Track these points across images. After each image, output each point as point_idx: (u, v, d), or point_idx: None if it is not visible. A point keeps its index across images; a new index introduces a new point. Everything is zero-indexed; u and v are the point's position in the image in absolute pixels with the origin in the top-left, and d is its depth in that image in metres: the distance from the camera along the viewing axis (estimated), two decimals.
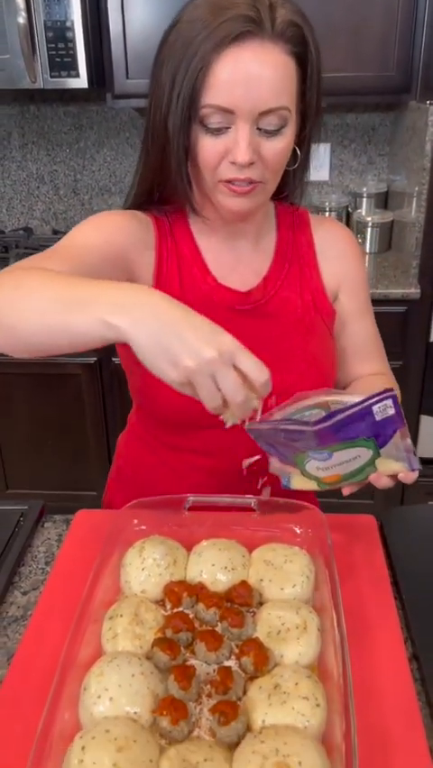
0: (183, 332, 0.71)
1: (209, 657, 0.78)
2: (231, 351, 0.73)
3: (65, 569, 0.99)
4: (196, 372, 0.71)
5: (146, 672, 0.74)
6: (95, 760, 0.64)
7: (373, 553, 0.99)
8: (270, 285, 1.11)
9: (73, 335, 0.76)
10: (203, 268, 1.09)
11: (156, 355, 0.72)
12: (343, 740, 0.66)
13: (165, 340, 0.71)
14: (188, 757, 0.66)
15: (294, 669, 0.76)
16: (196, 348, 0.70)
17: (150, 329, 0.72)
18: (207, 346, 0.71)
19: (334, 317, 1.15)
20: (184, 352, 0.70)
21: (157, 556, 0.90)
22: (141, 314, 0.72)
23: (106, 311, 0.73)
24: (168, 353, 0.71)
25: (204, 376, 0.71)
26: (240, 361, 0.74)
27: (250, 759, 0.65)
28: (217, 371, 0.71)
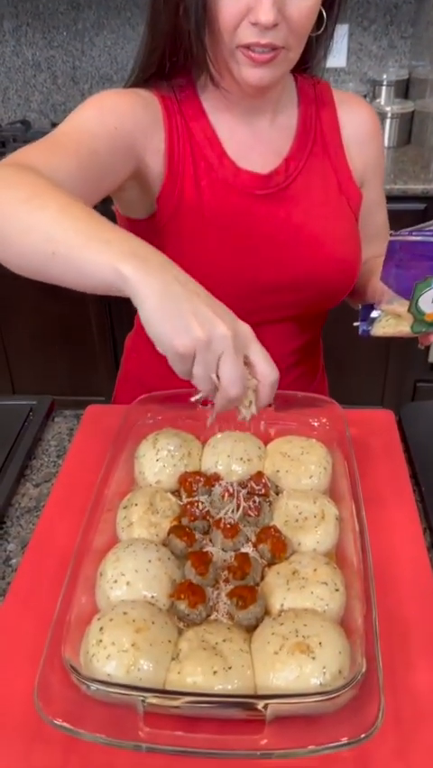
0: (200, 305, 0.65)
1: (226, 544, 0.77)
2: (247, 337, 0.68)
3: (77, 462, 0.97)
4: (203, 345, 0.64)
5: (163, 558, 0.73)
6: (113, 640, 0.63)
7: (392, 447, 0.97)
8: (292, 165, 1.02)
9: (78, 273, 0.68)
10: (218, 149, 0.99)
11: (164, 318, 0.64)
12: (363, 623, 0.65)
13: (180, 305, 0.64)
14: (206, 638, 0.66)
15: (312, 556, 0.75)
16: (212, 321, 0.64)
17: (165, 290, 0.64)
18: (224, 323, 0.65)
19: (360, 202, 1.07)
20: (198, 321, 0.64)
21: (171, 447, 0.88)
22: (159, 273, 0.65)
23: (122, 258, 0.65)
24: (179, 319, 0.64)
25: (210, 352, 0.65)
26: (253, 352, 0.69)
27: (269, 640, 0.64)
28: (226, 352, 0.65)
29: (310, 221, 1.01)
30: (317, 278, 1.01)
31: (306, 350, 1.14)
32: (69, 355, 2.57)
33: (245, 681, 0.62)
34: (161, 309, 0.64)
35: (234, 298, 1.02)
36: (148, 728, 0.57)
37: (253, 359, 0.69)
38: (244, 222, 0.98)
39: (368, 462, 0.92)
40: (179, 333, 0.64)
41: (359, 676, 0.59)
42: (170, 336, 0.64)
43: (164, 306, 0.64)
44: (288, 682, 0.61)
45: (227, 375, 0.66)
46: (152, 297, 0.64)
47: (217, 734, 0.59)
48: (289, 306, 1.04)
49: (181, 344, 0.64)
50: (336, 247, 1.02)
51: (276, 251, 0.99)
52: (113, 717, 0.59)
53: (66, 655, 0.62)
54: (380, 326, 0.92)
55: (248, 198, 0.98)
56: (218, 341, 0.64)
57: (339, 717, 0.59)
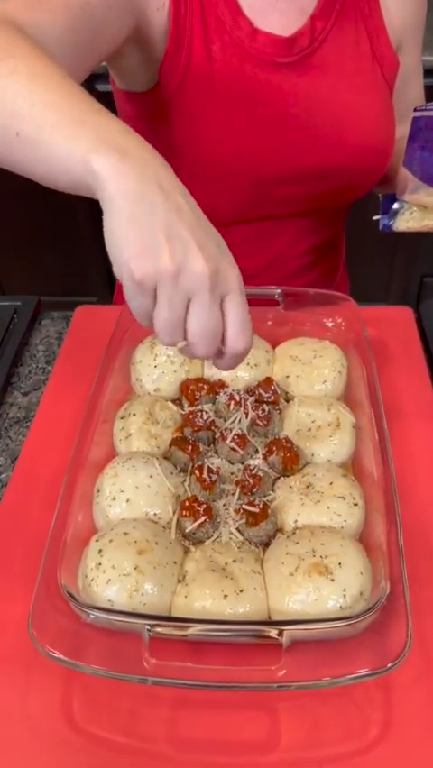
0: (181, 225, 0.50)
1: (233, 457, 0.71)
2: (230, 283, 0.52)
3: (68, 368, 0.89)
4: (168, 277, 0.49)
5: (165, 473, 0.67)
6: (114, 563, 0.58)
7: (411, 348, 0.89)
8: (318, 26, 0.85)
9: (44, 162, 0.54)
10: (232, 4, 0.83)
11: (129, 230, 0.49)
12: (385, 541, 0.60)
13: (154, 219, 0.49)
14: (215, 558, 0.61)
15: (327, 468, 0.69)
16: (188, 248, 0.49)
17: (140, 194, 0.49)
18: (204, 257, 0.50)
19: (397, 71, 0.92)
20: (170, 245, 0.49)
21: (171, 352, 0.80)
22: (139, 171, 0.50)
23: (95, 147, 0.50)
24: (148, 235, 0.49)
25: (176, 289, 0.50)
26: (232, 304, 0.52)
27: (284, 561, 0.59)
28: (198, 294, 0.50)
29: (339, 96, 0.86)
30: (344, 166, 0.87)
31: (326, 247, 1.02)
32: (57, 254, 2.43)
33: (258, 604, 0.57)
34: (129, 219, 0.49)
35: (245, 188, 0.90)
36: (154, 659, 0.52)
37: (227, 313, 0.53)
38: (262, 96, 0.83)
39: (386, 365, 0.84)
40: (141, 252, 0.49)
41: (383, 599, 0.54)
42: (129, 254, 0.49)
43: (133, 216, 0.49)
44: (305, 606, 0.56)
45: (194, 326, 0.52)
46: (122, 201, 0.49)
47: (229, 662, 0.55)
48: (308, 197, 0.91)
49: (139, 267, 0.49)
50: (368, 127, 0.88)
51: (298, 133, 0.85)
52: (115, 647, 0.55)
53: (62, 581, 0.57)
54: (403, 220, 0.81)
55: (267, 67, 0.83)
56: (189, 276, 0.49)
57: (361, 642, 0.54)
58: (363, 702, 0.54)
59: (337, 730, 0.53)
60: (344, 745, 0.52)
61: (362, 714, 0.54)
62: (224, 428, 0.73)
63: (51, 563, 0.59)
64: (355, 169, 0.88)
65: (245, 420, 0.73)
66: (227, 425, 0.73)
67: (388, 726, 0.53)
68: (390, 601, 0.55)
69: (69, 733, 0.54)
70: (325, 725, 0.53)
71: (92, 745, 0.53)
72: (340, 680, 0.51)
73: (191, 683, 0.51)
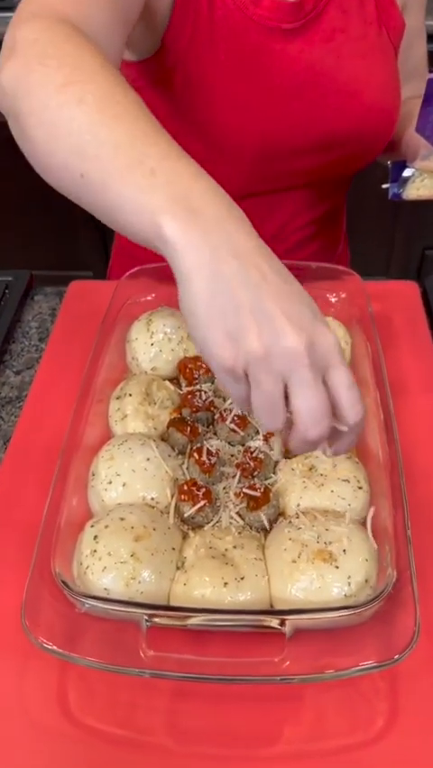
0: (266, 298, 0.43)
1: (233, 438, 0.69)
2: (329, 351, 0.45)
3: (61, 345, 0.86)
4: (260, 363, 0.43)
5: (163, 455, 0.64)
6: (110, 550, 0.56)
7: (417, 324, 0.86)
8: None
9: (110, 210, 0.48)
10: None
11: (210, 315, 0.43)
12: (392, 525, 0.58)
13: (235, 299, 0.43)
14: (215, 544, 0.58)
15: None
16: (278, 328, 0.43)
17: (217, 271, 0.43)
18: (296, 333, 0.43)
19: (402, 34, 0.88)
20: (257, 327, 0.43)
21: (168, 330, 0.77)
22: (212, 237, 0.44)
23: (166, 206, 0.44)
24: (231, 320, 0.43)
25: (268, 372, 0.44)
26: (336, 375, 0.46)
27: (286, 546, 0.57)
28: (296, 373, 0.44)
29: (346, 62, 0.82)
30: (351, 132, 0.83)
31: (327, 219, 0.98)
32: (49, 224, 2.37)
33: (260, 592, 0.55)
34: (208, 302, 0.43)
35: (251, 159, 0.86)
36: (152, 651, 0.50)
37: (333, 387, 0.46)
38: (267, 63, 0.79)
39: (391, 343, 0.81)
40: (225, 340, 0.43)
41: (389, 587, 0.52)
42: (216, 342, 0.44)
43: (213, 296, 0.43)
44: (308, 594, 0.54)
45: (303, 408, 0.45)
46: (197, 279, 0.43)
47: (230, 651, 0.53)
48: (314, 168, 0.87)
49: (230, 357, 0.43)
50: (375, 92, 0.84)
51: (304, 100, 0.80)
52: (111, 636, 0.53)
53: (56, 569, 0.55)
54: (414, 188, 0.77)
55: (271, 34, 0.78)
56: (282, 356, 0.43)
57: (367, 630, 0.52)
58: (368, 692, 0.53)
59: (342, 721, 0.52)
60: (348, 737, 0.51)
61: (367, 704, 0.52)
62: (223, 408, 0.70)
63: (45, 550, 0.57)
64: (363, 136, 0.84)
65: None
66: (227, 406, 0.71)
67: (394, 717, 0.52)
68: (396, 589, 0.53)
69: (65, 725, 0.52)
70: (329, 716, 0.52)
71: (89, 738, 0.51)
72: (345, 672, 0.49)
73: (191, 676, 0.49)
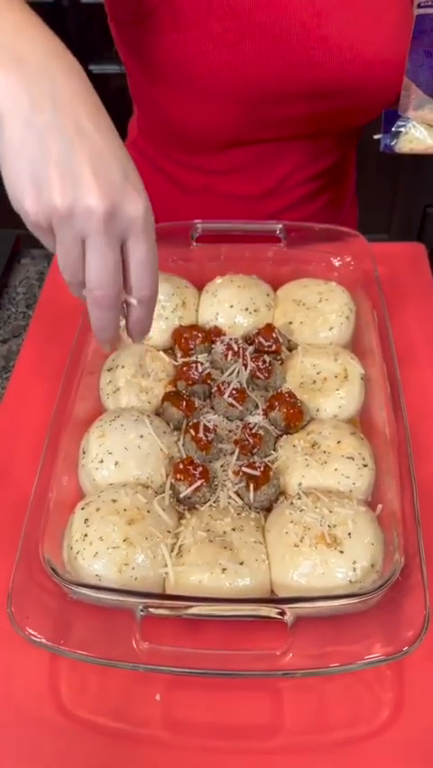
0: (77, 151, 0.43)
1: (231, 412, 0.65)
2: (133, 219, 0.45)
3: (50, 313, 0.82)
4: (61, 219, 0.44)
5: (157, 432, 0.61)
6: (102, 535, 0.53)
7: (423, 289, 0.82)
8: None
9: None
10: None
11: (19, 162, 0.43)
12: (399, 506, 0.55)
13: (44, 146, 0.42)
14: (212, 526, 0.56)
15: (334, 425, 0.63)
16: (81, 185, 0.43)
17: (31, 115, 0.42)
18: (99, 191, 0.43)
19: None
20: (60, 180, 0.43)
21: (162, 296, 0.73)
22: (33, 84, 0.43)
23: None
24: (38, 169, 0.43)
25: (70, 231, 0.44)
26: (135, 244, 0.46)
27: (288, 530, 0.54)
28: (91, 236, 0.44)
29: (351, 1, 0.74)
30: (355, 82, 0.76)
31: (333, 174, 0.92)
32: None
33: (260, 577, 0.53)
34: (18, 148, 0.43)
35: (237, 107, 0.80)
36: (147, 643, 0.47)
37: (127, 256, 0.47)
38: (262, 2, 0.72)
39: (397, 309, 0.77)
40: (32, 189, 0.43)
41: (397, 573, 0.50)
42: (23, 189, 0.43)
43: (23, 143, 0.43)
44: (311, 579, 0.51)
45: (91, 269, 0.46)
46: (11, 124, 0.43)
47: (229, 639, 0.51)
48: (314, 118, 0.80)
49: (33, 207, 0.44)
50: (384, 38, 0.75)
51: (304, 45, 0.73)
52: (103, 625, 0.50)
53: (45, 554, 0.52)
54: (406, 140, 0.70)
55: None
56: (83, 216, 0.43)
57: (373, 617, 0.50)
58: (372, 681, 0.51)
59: (345, 712, 0.49)
60: (352, 728, 0.49)
61: (372, 694, 0.50)
62: (221, 381, 0.66)
63: (33, 534, 0.54)
64: (368, 87, 0.77)
65: (244, 372, 0.66)
66: (225, 378, 0.67)
67: (400, 708, 0.49)
68: (404, 575, 0.50)
69: (56, 717, 0.50)
70: (332, 706, 0.50)
71: (81, 730, 0.49)
72: (350, 666, 0.46)
73: (187, 671, 0.47)
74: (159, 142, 0.88)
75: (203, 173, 0.85)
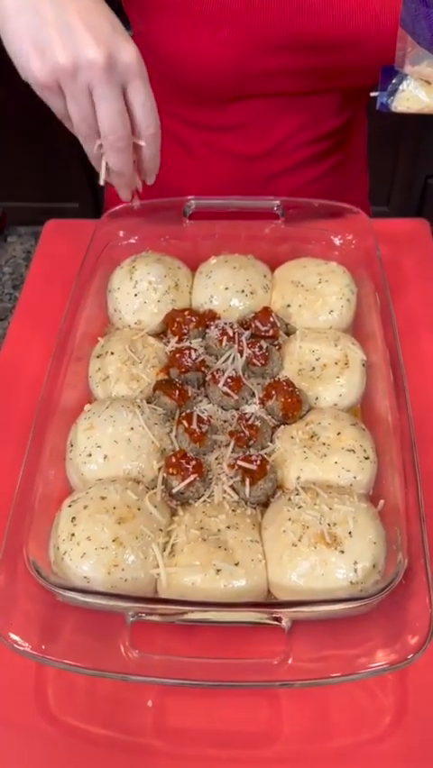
0: (72, 13, 0.50)
1: (226, 402, 0.62)
2: (129, 65, 0.52)
3: (36, 294, 0.79)
4: (66, 74, 0.50)
5: (148, 423, 0.58)
6: (90, 534, 0.50)
7: (428, 267, 0.78)
8: None
9: None
10: None
11: (20, 32, 0.50)
12: (403, 500, 0.52)
13: (41, 13, 0.49)
14: (206, 524, 0.53)
15: (334, 415, 0.60)
16: (79, 40, 0.49)
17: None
18: (96, 43, 0.50)
19: None
20: (60, 39, 0.49)
21: (153, 278, 0.69)
22: None
23: None
24: (37, 34, 0.49)
25: (77, 85, 0.51)
26: (134, 88, 0.53)
27: (286, 528, 0.51)
28: (98, 85, 0.51)
29: None
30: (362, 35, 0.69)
31: (340, 136, 0.86)
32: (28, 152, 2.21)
33: (257, 578, 0.50)
34: (17, 16, 0.49)
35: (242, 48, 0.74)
36: (137, 652, 0.45)
37: (131, 100, 0.54)
38: None
39: (400, 290, 0.74)
40: (36, 54, 0.50)
41: (400, 574, 0.47)
42: (28, 58, 0.50)
43: (21, 12, 0.49)
44: (310, 581, 0.49)
45: (103, 117, 0.53)
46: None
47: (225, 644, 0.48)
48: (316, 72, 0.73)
49: (40, 70, 0.50)
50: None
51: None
52: (92, 629, 0.48)
53: (30, 555, 0.49)
54: (403, 98, 0.64)
55: None
56: (85, 69, 0.50)
57: (374, 620, 0.47)
58: (374, 686, 0.49)
59: (346, 718, 0.47)
60: (353, 736, 0.47)
61: (373, 700, 0.48)
62: (215, 368, 0.63)
63: (17, 532, 0.51)
64: (373, 40, 0.70)
65: (240, 359, 0.63)
66: (219, 365, 0.64)
67: (402, 714, 0.47)
68: (407, 576, 0.47)
69: (43, 724, 0.48)
70: (332, 712, 0.48)
71: (69, 738, 0.47)
72: (351, 677, 0.44)
73: (180, 682, 0.44)
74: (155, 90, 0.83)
75: (201, 129, 0.80)
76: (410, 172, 2.29)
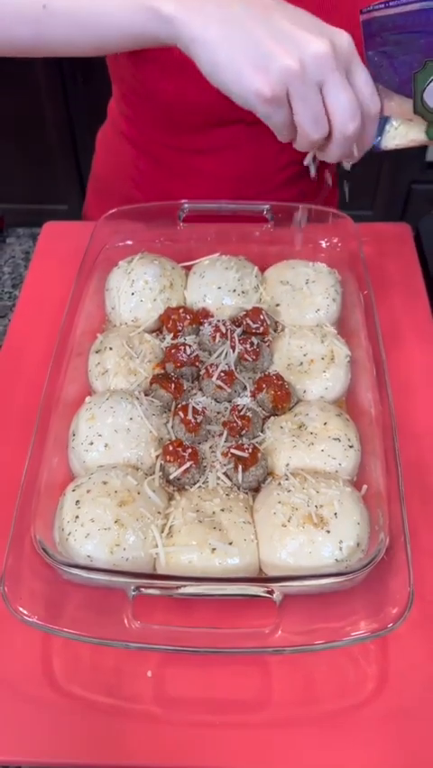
0: (278, 20, 0.48)
1: (220, 394, 0.66)
2: (347, 49, 0.50)
3: (36, 293, 0.82)
4: (296, 74, 0.47)
5: (146, 414, 0.61)
6: (93, 516, 0.54)
7: (410, 270, 0.82)
8: None
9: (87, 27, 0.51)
10: None
11: (234, 55, 0.47)
12: (384, 486, 0.56)
13: (251, 30, 0.47)
14: (201, 507, 0.56)
15: (321, 406, 0.64)
16: (300, 40, 0.47)
17: (224, 16, 0.47)
18: (317, 37, 0.47)
19: None
20: (280, 46, 0.47)
21: (149, 278, 0.73)
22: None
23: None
24: (254, 51, 0.47)
25: (307, 84, 0.48)
26: (356, 70, 0.51)
27: (276, 510, 0.55)
28: (329, 77, 0.48)
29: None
30: None
31: None
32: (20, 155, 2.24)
33: (249, 556, 0.54)
34: (227, 44, 0.47)
35: None
36: (138, 622, 0.48)
37: (355, 80, 0.51)
38: None
39: (383, 291, 0.78)
40: (257, 72, 0.47)
41: (382, 552, 0.51)
42: (249, 78, 0.47)
43: (230, 38, 0.47)
44: (298, 558, 0.53)
45: (342, 105, 0.50)
46: (209, 34, 0.48)
47: (220, 617, 0.52)
48: None
49: (267, 84, 0.47)
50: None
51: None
52: (95, 604, 0.51)
53: (37, 535, 0.52)
54: (390, 137, 0.69)
55: None
56: (315, 63, 0.48)
57: (359, 594, 0.51)
58: (358, 656, 0.52)
59: (331, 685, 0.51)
60: (338, 701, 0.50)
61: (357, 668, 0.52)
62: (209, 363, 0.67)
63: (24, 516, 0.54)
64: None
65: (232, 354, 0.67)
66: (213, 360, 0.67)
67: (384, 681, 0.51)
68: (389, 554, 0.51)
69: (50, 693, 0.51)
70: (318, 680, 0.51)
71: (75, 706, 0.50)
72: (336, 643, 0.48)
73: (179, 648, 0.48)
74: (141, 120, 0.86)
75: (186, 153, 0.84)
76: (394, 178, 2.33)
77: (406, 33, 0.57)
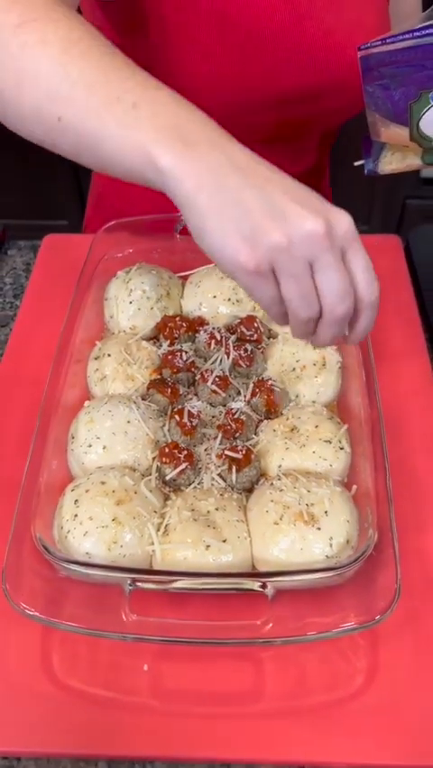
0: (274, 194, 0.45)
1: (215, 399, 0.68)
2: (345, 232, 0.46)
3: (37, 303, 0.84)
4: (284, 253, 0.45)
5: (143, 417, 0.63)
6: (91, 514, 0.55)
7: (399, 281, 0.85)
8: None
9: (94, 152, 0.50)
10: None
11: (222, 226, 0.45)
12: (373, 486, 0.58)
13: (243, 202, 0.44)
14: (196, 506, 0.58)
15: (313, 410, 0.66)
16: (292, 217, 0.45)
17: (218, 183, 0.45)
18: (312, 215, 0.45)
19: None
20: (271, 222, 0.44)
21: (146, 287, 0.75)
22: (209, 158, 0.45)
23: (157, 138, 0.46)
24: (244, 224, 0.44)
25: (295, 261, 0.45)
26: (354, 253, 0.47)
27: (268, 508, 0.57)
28: (321, 256, 0.45)
29: (330, 8, 0.76)
30: (335, 85, 0.77)
31: (313, 173, 0.95)
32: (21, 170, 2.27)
33: (242, 553, 0.55)
34: (217, 215, 0.45)
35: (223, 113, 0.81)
36: (135, 615, 0.50)
37: (351, 265, 0.48)
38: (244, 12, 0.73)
39: None
40: (244, 244, 0.45)
41: (370, 548, 0.53)
42: (234, 249, 0.45)
43: (220, 209, 0.45)
44: (290, 555, 0.54)
45: (327, 289, 0.47)
46: (202, 198, 0.45)
47: (213, 612, 0.53)
48: (294, 121, 0.83)
49: (252, 257, 0.45)
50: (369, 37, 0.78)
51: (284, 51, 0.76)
52: (93, 600, 0.53)
53: (37, 533, 0.54)
54: (386, 162, 0.72)
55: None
56: (305, 241, 0.45)
57: (349, 589, 0.53)
58: (348, 651, 0.54)
59: (323, 679, 0.53)
60: (329, 694, 0.52)
61: (348, 662, 0.53)
62: (204, 369, 0.69)
63: (25, 514, 0.56)
64: (348, 89, 0.79)
65: (227, 360, 0.69)
66: (208, 366, 0.69)
67: (374, 674, 0.53)
68: (377, 550, 0.53)
69: (48, 687, 0.52)
70: (310, 674, 0.53)
71: (73, 699, 0.52)
72: (326, 634, 0.49)
73: (174, 640, 0.50)
74: None
75: None
76: (390, 193, 2.37)
77: (402, 67, 0.61)
